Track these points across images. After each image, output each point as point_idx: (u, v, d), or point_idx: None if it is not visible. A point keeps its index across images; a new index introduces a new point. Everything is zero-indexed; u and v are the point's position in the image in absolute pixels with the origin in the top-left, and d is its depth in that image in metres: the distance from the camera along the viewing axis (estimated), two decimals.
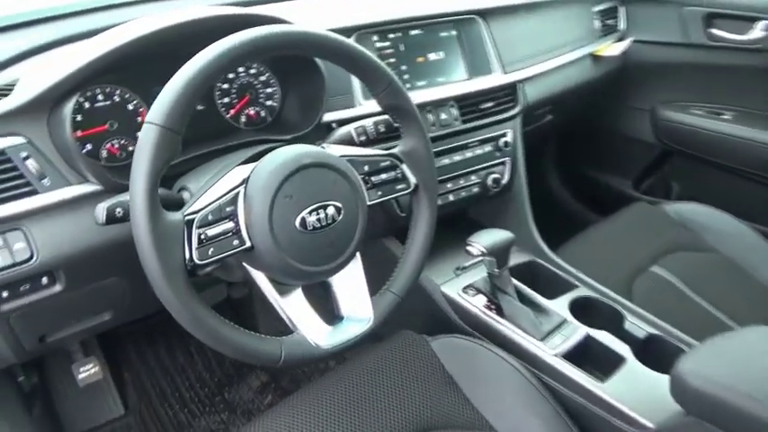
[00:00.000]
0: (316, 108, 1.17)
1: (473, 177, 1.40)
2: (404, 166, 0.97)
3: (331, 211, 0.84)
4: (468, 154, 1.39)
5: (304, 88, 1.22)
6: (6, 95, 0.91)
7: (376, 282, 0.99)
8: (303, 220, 0.82)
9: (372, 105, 1.08)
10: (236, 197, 0.80)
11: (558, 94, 1.61)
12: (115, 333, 1.56)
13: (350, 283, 0.94)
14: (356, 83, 1.24)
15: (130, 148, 1.08)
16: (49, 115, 0.91)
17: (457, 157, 1.37)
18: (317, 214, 0.83)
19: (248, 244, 0.81)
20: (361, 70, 0.90)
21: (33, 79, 0.92)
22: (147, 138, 0.71)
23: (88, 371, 1.23)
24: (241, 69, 1.19)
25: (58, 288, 0.95)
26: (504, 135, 1.45)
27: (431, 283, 1.33)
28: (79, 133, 1.02)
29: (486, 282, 1.28)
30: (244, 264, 0.86)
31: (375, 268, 0.97)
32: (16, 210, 0.88)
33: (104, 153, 1.05)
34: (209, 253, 0.77)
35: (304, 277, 0.86)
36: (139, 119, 1.08)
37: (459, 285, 1.30)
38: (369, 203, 0.93)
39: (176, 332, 1.67)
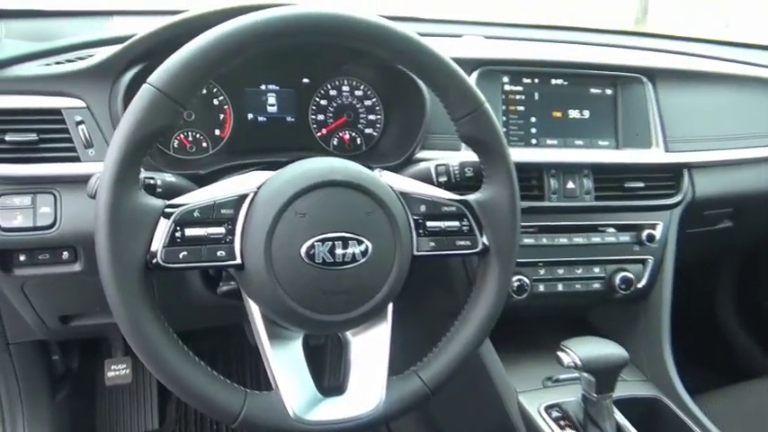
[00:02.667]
0: (411, 140, 0.99)
1: (596, 269, 1.10)
2: (473, 220, 0.74)
3: (354, 248, 0.65)
4: (596, 239, 1.10)
5: (406, 118, 1.06)
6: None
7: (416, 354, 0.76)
8: (312, 248, 0.64)
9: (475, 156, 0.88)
10: (240, 201, 0.65)
11: (742, 195, 1.24)
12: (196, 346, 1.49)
13: (366, 349, 0.72)
14: None
15: (204, 144, 1.00)
16: (113, 84, 0.86)
17: (578, 239, 1.09)
18: (333, 247, 0.64)
19: (238, 260, 0.64)
20: (439, 83, 0.71)
21: (107, 49, 0.88)
22: (141, 99, 0.59)
23: (118, 371, 1.16)
24: (346, 88, 1.07)
25: (77, 267, 0.88)
26: (651, 227, 1.12)
27: (507, 388, 1.04)
28: None
29: (578, 406, 0.96)
30: (242, 290, 0.70)
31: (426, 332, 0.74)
32: (54, 171, 0.83)
33: (175, 143, 0.99)
34: (180, 257, 0.62)
35: (300, 323, 0.67)
36: (222, 116, 1.01)
37: (543, 401, 1.00)
38: (416, 254, 0.71)
39: (250, 351, 1.55)
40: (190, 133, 0.99)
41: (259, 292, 0.65)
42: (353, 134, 1.08)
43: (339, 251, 0.64)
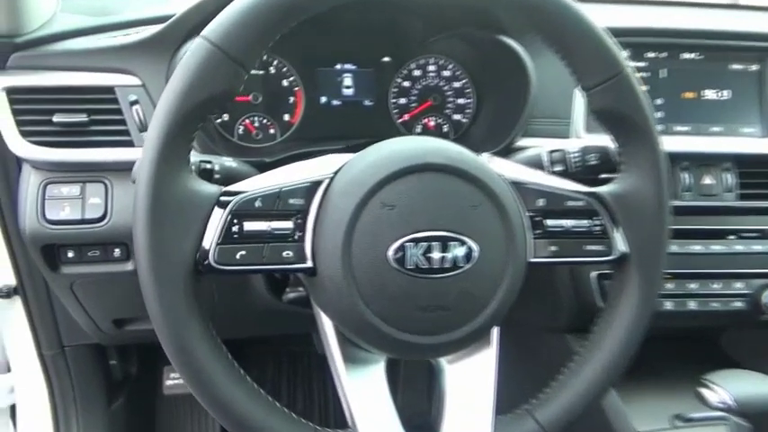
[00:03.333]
0: (509, 126, 0.83)
1: (738, 285, 0.89)
2: (608, 218, 0.57)
3: (455, 251, 0.50)
4: (739, 247, 0.89)
5: (502, 101, 0.90)
6: None
7: (520, 391, 0.60)
8: (401, 250, 0.49)
9: (599, 141, 0.71)
10: (313, 189, 0.52)
11: None
12: (257, 350, 1.38)
13: (467, 380, 0.57)
14: (580, 106, 0.87)
15: (271, 131, 0.89)
16: (170, 59, 0.75)
17: (717, 247, 0.89)
18: (429, 249, 0.50)
19: (309, 263, 0.51)
20: (568, 40, 0.54)
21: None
22: (193, 56, 0.47)
23: (177, 379, 1.06)
24: (432, 67, 0.93)
25: (129, 266, 0.78)
26: None
27: (625, 426, 0.85)
28: None
29: None
30: (312, 300, 0.56)
31: (529, 365, 0.59)
32: (105, 157, 0.74)
33: (240, 129, 0.87)
34: (237, 257, 0.49)
35: (385, 344, 0.52)
36: (292, 99, 0.89)
37: None
38: (532, 260, 0.55)
39: (319, 363, 1.42)
40: (256, 118, 0.88)
41: (334, 304, 0.51)
42: (440, 120, 0.94)
43: (436, 254, 0.50)
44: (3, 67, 0.74)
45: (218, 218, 0.48)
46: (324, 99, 0.90)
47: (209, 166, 0.59)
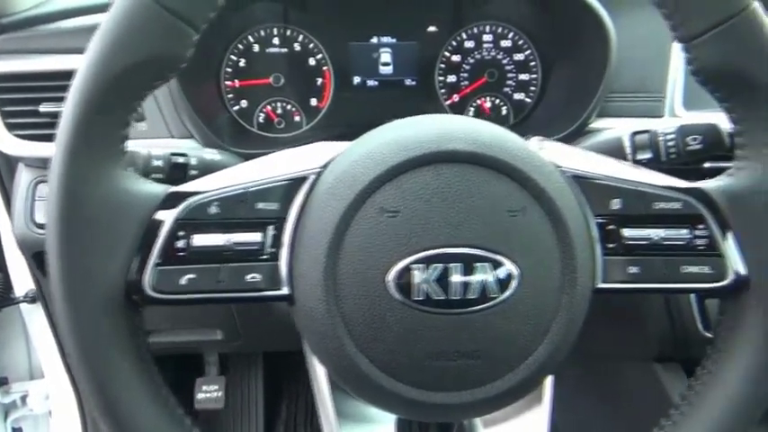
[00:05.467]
0: (584, 104, 0.66)
1: None
2: (717, 226, 0.39)
3: (489, 274, 0.35)
4: None
5: (575, 72, 0.72)
6: None
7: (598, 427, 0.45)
8: (408, 274, 0.35)
9: (699, 119, 0.52)
10: (292, 189, 0.38)
11: None
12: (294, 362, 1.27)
13: None
14: (678, 75, 0.67)
15: (296, 118, 0.76)
16: None
17: None
18: (446, 273, 0.35)
19: (284, 289, 0.38)
20: None
21: None
22: (119, 10, 0.34)
23: (209, 392, 0.98)
24: (488, 37, 0.77)
25: None
26: None
27: None
28: (237, 83, 0.75)
29: None
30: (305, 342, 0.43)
31: (608, 397, 0.43)
32: (131, 149, 0.64)
33: (260, 116, 0.76)
34: (183, 283, 0.36)
35: (389, 404, 0.38)
36: (320, 81, 0.76)
37: None
38: (602, 286, 0.39)
39: None
40: (279, 104, 0.76)
41: (318, 346, 0.38)
42: (498, 101, 0.78)
43: (456, 280, 0.35)
44: None
45: (158, 229, 0.36)
46: (357, 79, 0.77)
47: (181, 159, 0.48)
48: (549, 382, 0.42)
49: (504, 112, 0.78)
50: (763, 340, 0.39)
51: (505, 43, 0.77)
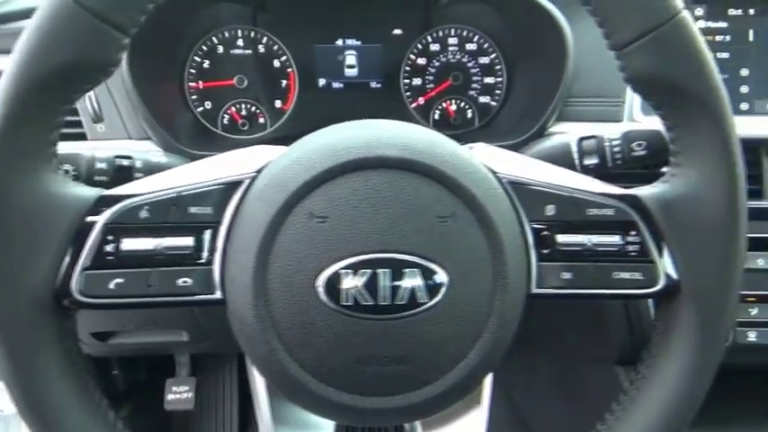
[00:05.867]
0: (542, 108, 0.67)
1: None
2: (649, 233, 0.40)
3: (417, 280, 0.35)
4: None
5: (538, 77, 0.73)
6: None
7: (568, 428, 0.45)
8: (336, 279, 0.35)
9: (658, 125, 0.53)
10: (227, 193, 0.38)
11: None
12: None
13: None
14: None
15: (260, 120, 0.76)
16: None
17: None
18: (374, 278, 0.35)
19: (218, 293, 0.38)
20: None
21: None
22: (45, 13, 0.34)
23: (179, 393, 0.97)
24: (453, 40, 0.77)
25: None
26: None
27: None
28: (201, 84, 0.75)
29: None
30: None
31: (575, 399, 0.44)
32: (74, 151, 0.64)
33: (225, 118, 0.76)
34: (111, 287, 0.36)
35: (322, 409, 0.38)
36: (284, 82, 0.76)
37: None
38: (536, 291, 0.40)
39: None
40: (243, 105, 0.76)
41: (250, 351, 0.38)
42: (463, 104, 0.78)
43: (385, 284, 0.35)
44: None
45: (87, 234, 0.36)
46: (322, 81, 0.77)
47: (126, 162, 0.47)
48: (487, 384, 0.42)
49: (469, 115, 0.78)
50: (695, 343, 0.40)
51: (471, 46, 0.78)
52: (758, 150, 0.67)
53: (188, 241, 0.37)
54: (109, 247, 0.36)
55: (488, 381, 0.43)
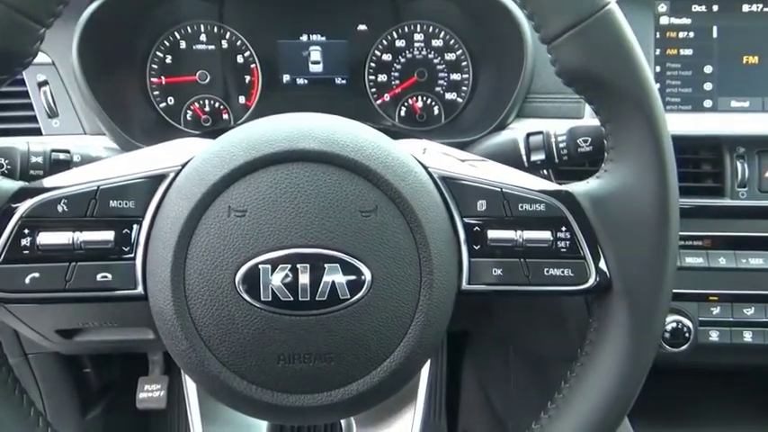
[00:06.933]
0: (504, 103, 0.66)
1: None
2: (579, 229, 0.39)
3: (337, 275, 0.35)
4: None
5: (500, 74, 0.72)
6: None
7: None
8: (254, 274, 0.35)
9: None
10: (151, 187, 0.38)
11: None
12: None
13: None
14: None
15: (224, 116, 0.76)
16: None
17: None
18: (294, 273, 0.35)
19: (139, 288, 0.37)
20: None
21: None
22: None
23: (151, 392, 0.97)
24: (419, 36, 0.76)
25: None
26: None
27: None
28: (163, 80, 0.74)
29: None
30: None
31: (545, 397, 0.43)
32: (9, 145, 0.63)
33: (188, 114, 0.75)
34: (27, 281, 0.36)
35: (246, 407, 0.38)
36: (248, 78, 0.76)
37: None
38: (466, 288, 0.39)
39: None
40: (206, 101, 0.75)
41: (172, 347, 0.37)
42: (429, 100, 0.77)
43: (305, 281, 0.35)
44: None
45: (3, 227, 0.36)
46: (287, 77, 0.76)
47: (63, 156, 0.47)
48: (423, 380, 0.42)
49: (435, 111, 0.78)
50: (626, 342, 0.39)
51: (437, 43, 0.77)
52: (720, 148, 0.66)
53: (108, 236, 0.37)
54: (25, 241, 0.36)
55: (423, 376, 0.42)
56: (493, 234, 0.39)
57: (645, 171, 0.38)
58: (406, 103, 0.78)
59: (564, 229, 0.39)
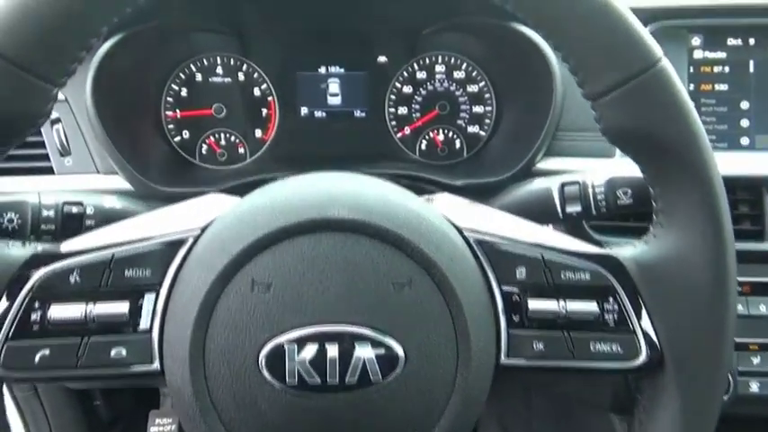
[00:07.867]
0: (531, 141, 0.63)
1: None
2: (629, 300, 0.36)
3: (367, 352, 0.32)
4: None
5: (526, 109, 0.70)
6: None
7: None
8: (279, 354, 0.32)
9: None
10: (168, 254, 0.35)
11: None
12: None
13: None
14: None
15: (240, 150, 0.74)
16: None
17: None
18: (323, 352, 0.32)
19: (155, 365, 0.35)
20: (564, 26, 0.35)
21: None
22: None
23: (161, 426, 0.95)
24: (440, 68, 0.74)
25: None
26: None
27: None
28: (178, 113, 0.72)
29: None
30: None
31: None
32: (18, 189, 0.61)
33: (204, 148, 0.73)
34: (37, 360, 0.33)
35: None
36: (265, 111, 0.73)
37: None
38: (505, 362, 0.36)
39: None
40: (222, 135, 0.73)
41: (190, 429, 0.35)
42: (451, 134, 0.75)
43: (332, 361, 0.32)
44: None
45: (12, 301, 0.33)
46: (305, 110, 0.74)
47: (75, 209, 0.45)
48: None
49: (457, 145, 0.75)
50: (679, 424, 0.36)
51: (458, 74, 0.75)
52: (759, 189, 0.63)
53: (122, 307, 0.34)
54: (35, 315, 0.33)
55: None
56: (533, 304, 0.36)
57: (701, 239, 0.35)
58: (427, 137, 0.75)
59: (611, 299, 0.36)
